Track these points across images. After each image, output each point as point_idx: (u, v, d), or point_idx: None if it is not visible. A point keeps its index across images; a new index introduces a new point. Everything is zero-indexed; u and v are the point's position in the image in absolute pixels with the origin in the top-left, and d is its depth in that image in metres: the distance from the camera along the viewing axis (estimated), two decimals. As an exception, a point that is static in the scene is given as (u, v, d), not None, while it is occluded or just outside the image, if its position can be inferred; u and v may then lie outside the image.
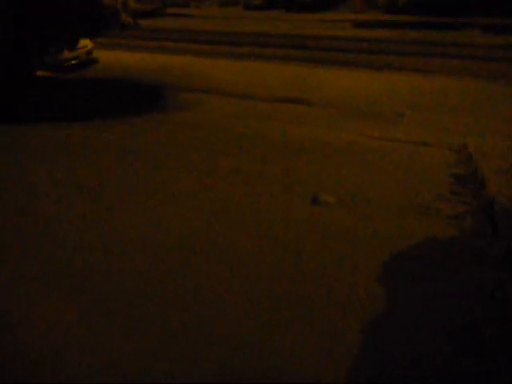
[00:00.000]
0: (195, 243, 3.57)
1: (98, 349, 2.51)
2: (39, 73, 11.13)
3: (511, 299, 2.77)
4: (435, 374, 2.29)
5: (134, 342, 2.55)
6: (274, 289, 2.98)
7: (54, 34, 7.05)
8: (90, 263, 3.34)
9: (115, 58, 13.47)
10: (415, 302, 2.81)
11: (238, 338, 2.55)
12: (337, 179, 4.78)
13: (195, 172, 5.19)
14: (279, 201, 4.26)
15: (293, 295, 2.91)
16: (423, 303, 2.79)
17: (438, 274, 3.07)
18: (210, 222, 3.92)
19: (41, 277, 3.19)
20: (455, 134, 6.67)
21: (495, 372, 2.28)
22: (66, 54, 11.40)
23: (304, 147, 6.11)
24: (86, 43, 12.34)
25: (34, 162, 5.65)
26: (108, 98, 9.65)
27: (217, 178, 4.97)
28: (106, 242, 3.64)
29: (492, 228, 3.61)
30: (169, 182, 4.94)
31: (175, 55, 13.59)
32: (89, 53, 12.77)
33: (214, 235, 3.69)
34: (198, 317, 2.74)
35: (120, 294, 2.97)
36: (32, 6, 6.66)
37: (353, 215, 3.92)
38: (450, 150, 6.00)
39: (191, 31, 18.27)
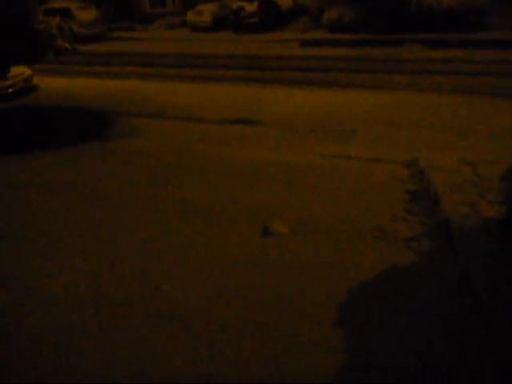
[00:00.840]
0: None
1: None
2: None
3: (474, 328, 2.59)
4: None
5: None
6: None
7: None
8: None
9: (57, 85, 12.89)
10: (376, 349, 2.55)
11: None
12: (289, 204, 4.56)
13: (141, 205, 4.82)
14: (227, 233, 3.96)
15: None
16: (385, 346, 2.55)
17: (398, 308, 2.85)
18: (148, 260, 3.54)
19: None
20: (406, 148, 6.67)
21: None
22: (1, 83, 10.74)
23: (255, 171, 5.90)
24: (22, 70, 11.67)
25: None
26: (49, 127, 9.12)
27: (158, 210, 4.62)
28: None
29: (450, 249, 3.48)
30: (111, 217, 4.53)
31: (121, 79, 13.24)
32: (27, 80, 12.07)
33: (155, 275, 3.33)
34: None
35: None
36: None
37: (307, 246, 3.68)
38: (402, 166, 5.96)
39: (137, 54, 17.93)
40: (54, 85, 12.87)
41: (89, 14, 21.60)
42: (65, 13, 20.94)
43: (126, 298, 3.10)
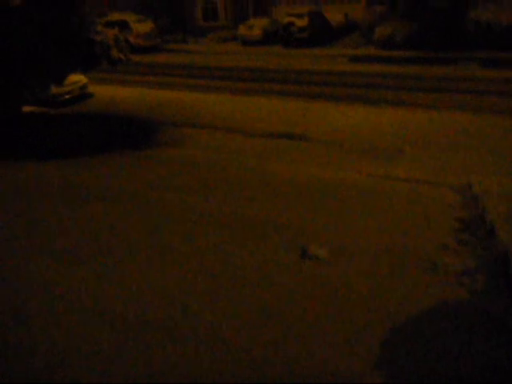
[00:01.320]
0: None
1: None
2: (29, 108, 10.93)
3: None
4: None
5: None
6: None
7: (39, 70, 6.82)
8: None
9: (111, 93, 13.38)
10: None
11: None
12: (331, 226, 4.35)
13: (182, 219, 4.77)
14: (264, 255, 3.80)
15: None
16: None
17: (447, 351, 2.58)
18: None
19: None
20: (458, 171, 6.33)
21: None
22: (60, 89, 11.27)
23: (299, 187, 5.76)
24: (79, 78, 12.25)
25: None
26: (99, 133, 9.40)
27: (197, 225, 4.54)
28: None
29: (508, 289, 3.14)
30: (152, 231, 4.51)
31: (170, 90, 13.53)
32: (83, 87, 12.67)
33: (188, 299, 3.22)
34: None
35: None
36: (17, 41, 6.45)
37: (347, 273, 3.45)
38: (454, 190, 5.62)
39: (188, 66, 18.33)
40: (107, 93, 13.37)
41: (145, 27, 22.46)
42: (123, 25, 21.82)
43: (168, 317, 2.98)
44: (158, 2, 31.86)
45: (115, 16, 23.39)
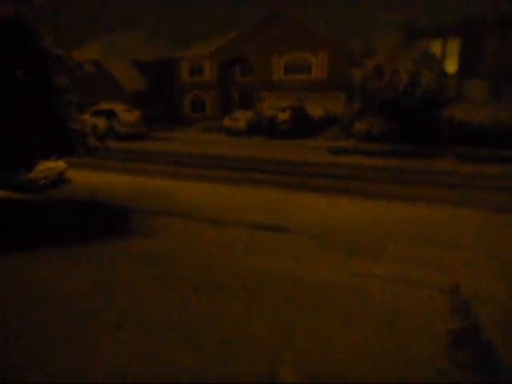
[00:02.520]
0: None
1: None
2: (2, 193, 10.54)
3: None
4: None
5: None
6: None
7: (5, 156, 6.58)
8: None
9: (90, 179, 13.17)
10: None
11: None
12: (307, 340, 3.83)
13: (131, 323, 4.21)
14: (229, 376, 3.23)
15: None
16: None
17: None
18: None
19: None
20: (444, 270, 5.99)
21: None
22: (36, 174, 11.01)
23: (275, 287, 5.28)
24: (57, 164, 12.08)
25: None
26: (72, 222, 8.96)
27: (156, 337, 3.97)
28: None
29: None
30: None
31: (152, 177, 13.41)
32: (61, 173, 12.47)
33: None
34: None
35: None
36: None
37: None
38: (442, 292, 5.22)
39: (170, 154, 18.58)
40: (86, 179, 13.16)
41: (131, 116, 23.20)
42: (110, 114, 22.58)
43: None
44: (149, 93, 33.55)
45: (104, 105, 24.22)
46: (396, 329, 4.05)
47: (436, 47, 21.96)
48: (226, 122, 24.83)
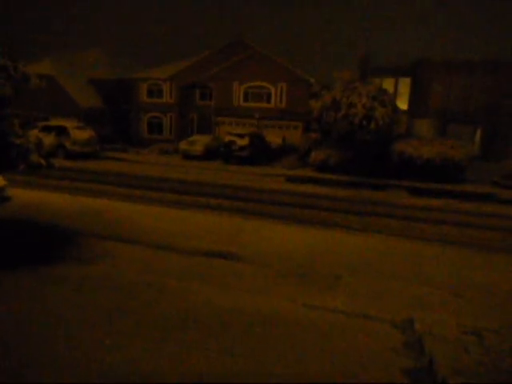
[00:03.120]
0: None
1: None
2: None
3: None
4: None
5: None
6: None
7: None
8: None
9: (33, 198, 12.35)
10: None
11: None
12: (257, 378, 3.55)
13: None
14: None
15: None
16: None
17: None
18: None
19: None
20: (396, 302, 5.96)
21: None
22: (-29, 192, 10.14)
23: (223, 322, 5.00)
24: (-4, 181, 11.24)
25: None
26: (8, 244, 8.25)
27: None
28: None
29: None
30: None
31: (100, 198, 12.81)
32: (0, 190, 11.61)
33: None
34: None
35: None
36: None
37: None
38: (395, 326, 5.13)
39: (121, 175, 18.05)
40: (29, 197, 12.33)
41: (84, 134, 22.36)
42: (61, 131, 21.67)
43: None
44: (105, 112, 32.78)
45: (55, 122, 23.27)
46: (348, 366, 3.86)
47: (389, 85, 23.07)
48: (183, 145, 24.54)
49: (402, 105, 22.85)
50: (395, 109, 19.34)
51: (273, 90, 27.76)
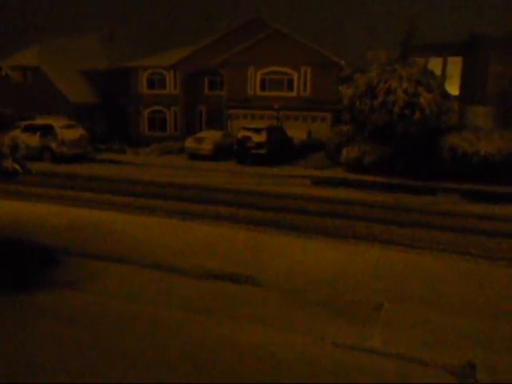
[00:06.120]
0: None
1: None
2: None
3: None
4: None
5: None
6: None
7: None
8: None
9: (13, 210, 12.39)
10: None
11: None
12: None
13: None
14: None
15: None
16: None
17: None
18: None
19: None
20: (453, 341, 5.64)
21: None
22: None
23: (237, 364, 4.73)
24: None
25: None
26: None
27: None
28: None
29: None
30: None
31: (91, 209, 12.80)
32: (-26, 202, 11.66)
33: None
34: None
35: None
36: None
37: None
38: (451, 374, 4.77)
39: (116, 180, 18.08)
40: (7, 208, 12.37)
41: (73, 133, 22.54)
42: (47, 130, 21.85)
43: None
44: (99, 107, 33.07)
45: (40, 120, 23.52)
46: None
47: (435, 66, 22.44)
48: (190, 143, 24.49)
49: (452, 90, 22.21)
50: (444, 94, 18.82)
51: (295, 76, 27.48)
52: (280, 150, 22.84)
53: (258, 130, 22.62)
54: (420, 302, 6.80)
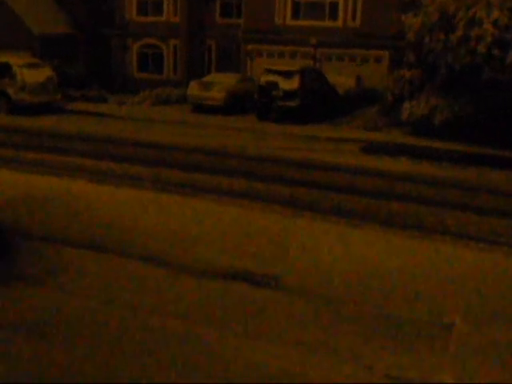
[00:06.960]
0: None
1: None
2: None
3: None
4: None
5: None
6: None
7: None
8: None
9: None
10: None
11: None
12: None
13: None
14: None
15: None
16: None
17: None
18: None
19: None
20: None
21: None
22: None
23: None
24: None
25: None
26: None
27: None
28: None
29: None
30: None
31: (59, 177, 13.25)
32: None
33: None
34: None
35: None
36: None
37: None
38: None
39: (91, 139, 18.48)
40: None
41: (37, 75, 22.88)
42: (2, 71, 22.16)
43: None
44: (74, 40, 33.21)
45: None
46: None
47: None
48: (194, 89, 24.74)
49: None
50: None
51: (341, -1, 27.21)
52: (317, 103, 22.88)
53: (287, 74, 22.63)
54: (504, 320, 6.88)
